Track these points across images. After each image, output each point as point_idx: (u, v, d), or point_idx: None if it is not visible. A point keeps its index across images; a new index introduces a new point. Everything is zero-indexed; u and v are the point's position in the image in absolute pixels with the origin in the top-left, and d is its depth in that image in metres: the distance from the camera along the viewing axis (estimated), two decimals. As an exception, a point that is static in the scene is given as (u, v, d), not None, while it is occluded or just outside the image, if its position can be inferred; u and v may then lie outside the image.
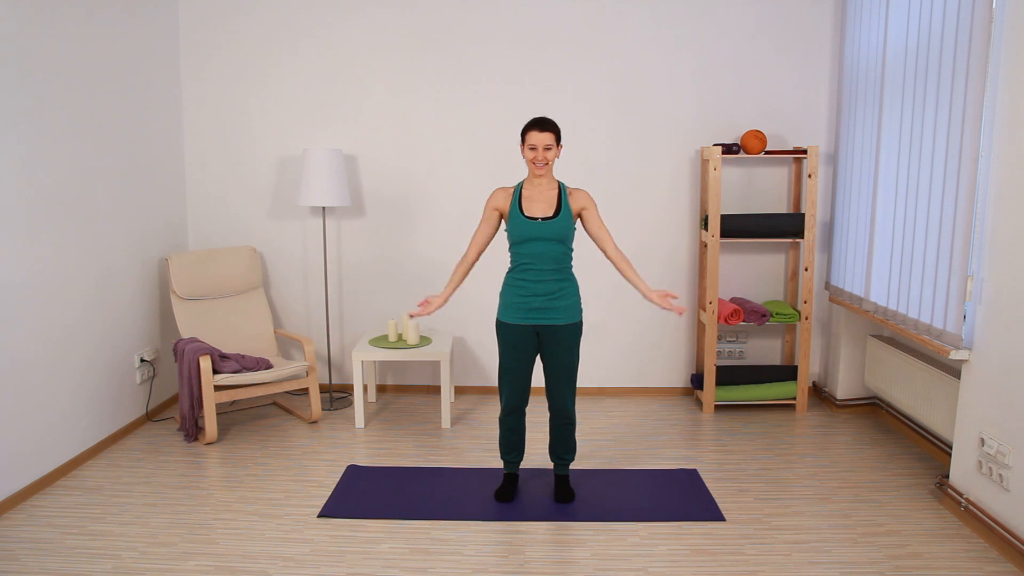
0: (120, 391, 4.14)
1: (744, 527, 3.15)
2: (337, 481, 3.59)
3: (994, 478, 2.99)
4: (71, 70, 3.70)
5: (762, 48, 4.61)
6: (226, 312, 4.55)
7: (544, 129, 3.10)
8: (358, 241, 4.85)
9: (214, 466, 3.77)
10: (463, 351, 4.93)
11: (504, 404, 3.32)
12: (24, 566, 2.84)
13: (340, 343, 4.95)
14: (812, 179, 4.40)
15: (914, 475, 3.65)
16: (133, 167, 4.25)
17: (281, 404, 4.71)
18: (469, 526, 3.16)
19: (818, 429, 4.28)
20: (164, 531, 3.11)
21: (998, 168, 2.97)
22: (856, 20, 4.24)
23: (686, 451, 3.97)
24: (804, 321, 4.52)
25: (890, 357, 4.09)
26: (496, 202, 3.26)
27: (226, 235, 4.88)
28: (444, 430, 4.28)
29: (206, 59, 4.73)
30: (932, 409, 3.67)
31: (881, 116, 3.88)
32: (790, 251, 4.76)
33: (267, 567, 2.84)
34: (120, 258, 4.13)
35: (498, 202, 3.25)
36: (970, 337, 3.17)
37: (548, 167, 3.16)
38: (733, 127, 4.68)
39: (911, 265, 3.57)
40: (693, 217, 4.78)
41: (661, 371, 4.92)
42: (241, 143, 4.80)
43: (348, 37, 4.68)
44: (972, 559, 2.89)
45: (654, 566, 2.85)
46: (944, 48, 3.29)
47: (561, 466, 3.43)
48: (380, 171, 4.79)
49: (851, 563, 2.86)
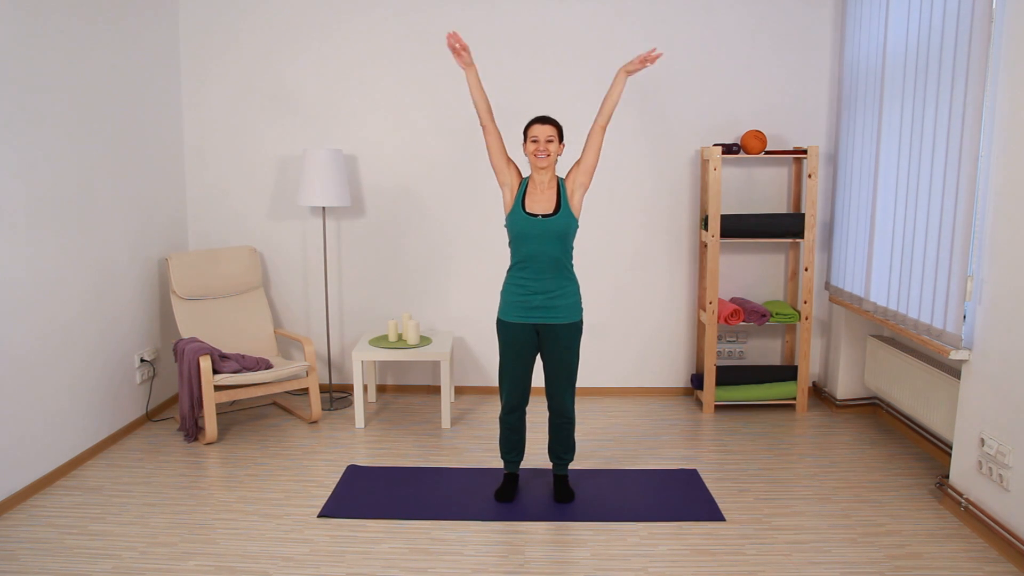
0: (120, 391, 4.14)
1: (744, 527, 3.15)
2: (337, 481, 3.59)
3: (994, 478, 2.99)
4: (72, 71, 3.70)
5: (762, 48, 4.61)
6: (226, 312, 4.55)
7: (546, 123, 3.12)
8: (358, 241, 4.85)
9: (214, 466, 3.77)
10: (463, 351, 4.93)
11: (504, 403, 3.32)
12: (24, 566, 2.84)
13: (340, 343, 4.95)
14: (812, 179, 4.40)
15: (914, 475, 3.65)
16: (133, 167, 4.25)
17: (281, 404, 4.71)
18: (469, 526, 3.16)
19: (818, 429, 4.28)
20: (164, 531, 3.11)
21: (998, 168, 2.97)
22: (856, 20, 4.24)
23: (686, 451, 3.97)
24: (804, 321, 4.52)
25: (890, 357, 4.09)
26: (513, 168, 3.24)
27: (226, 235, 4.88)
28: (444, 430, 4.28)
29: (206, 59, 4.73)
30: (932, 409, 3.67)
31: (881, 116, 3.88)
32: (790, 251, 4.76)
33: (267, 567, 2.84)
34: (120, 258, 4.13)
35: (513, 171, 3.24)
36: (970, 337, 3.17)
37: (550, 160, 3.16)
38: (733, 127, 4.68)
39: (911, 265, 3.57)
40: (693, 217, 4.78)
41: (661, 371, 4.92)
42: (241, 143, 4.80)
43: (348, 37, 4.68)
44: (972, 559, 2.89)
45: (654, 566, 2.85)
46: (944, 48, 3.29)
47: (560, 466, 3.43)
48: (380, 171, 4.79)
49: (851, 563, 2.86)
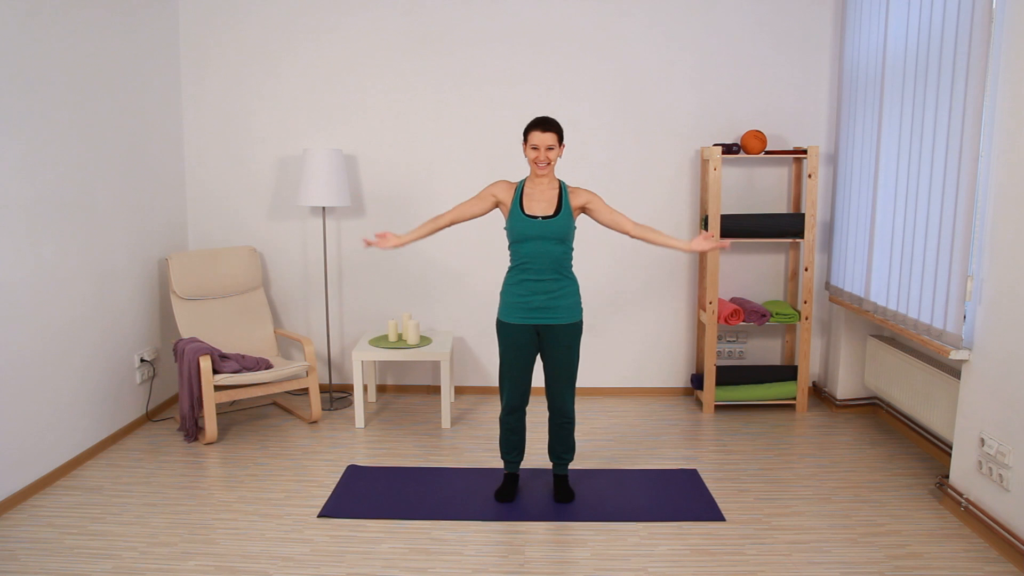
0: (120, 391, 4.14)
1: (744, 527, 3.15)
2: (337, 481, 3.59)
3: (994, 478, 2.99)
4: (71, 70, 3.70)
5: (762, 48, 4.61)
6: (226, 312, 4.55)
7: (547, 129, 3.10)
8: (358, 241, 4.85)
9: (214, 466, 3.77)
10: (463, 351, 4.93)
11: (504, 404, 3.32)
12: (24, 566, 2.84)
13: (340, 343, 4.95)
14: (812, 179, 4.40)
15: (914, 475, 3.65)
16: (133, 167, 4.25)
17: (281, 404, 4.71)
18: (469, 526, 3.16)
19: (818, 429, 4.28)
20: (164, 531, 3.11)
21: (998, 168, 2.97)
22: (856, 20, 4.24)
23: (686, 451, 3.97)
24: (804, 321, 4.52)
25: (890, 357, 4.09)
26: (497, 190, 3.24)
27: (226, 235, 4.88)
28: (444, 430, 4.28)
29: (206, 59, 4.73)
30: (932, 409, 3.67)
31: (881, 116, 3.88)
32: (790, 251, 4.76)
33: (267, 567, 2.84)
34: (120, 258, 4.13)
35: (498, 191, 3.23)
36: (970, 337, 3.16)
37: (550, 167, 3.16)
38: (733, 127, 4.68)
39: (911, 265, 3.57)
40: (693, 217, 4.78)
41: (661, 371, 4.92)
42: (241, 143, 4.80)
43: (348, 37, 4.68)
44: (972, 559, 2.89)
45: (654, 566, 2.85)
46: (944, 48, 3.29)
47: (560, 466, 3.43)
48: (380, 171, 4.79)
49: (851, 563, 2.86)
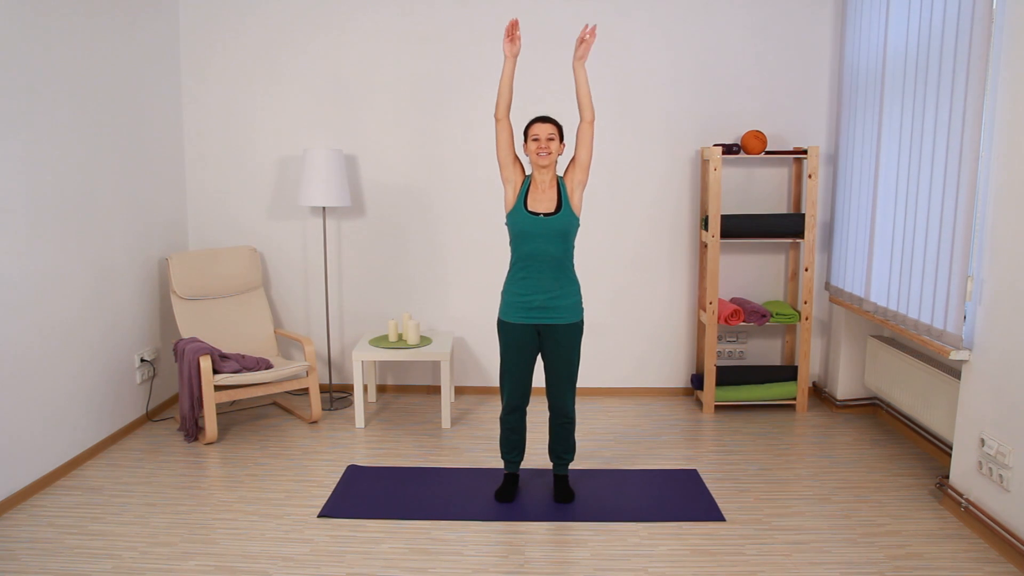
0: (120, 391, 4.14)
1: (744, 527, 3.15)
2: (337, 481, 3.59)
3: (994, 478, 2.99)
4: (72, 70, 3.70)
5: (762, 48, 4.61)
6: (226, 312, 4.55)
7: (546, 121, 3.13)
8: (358, 241, 4.85)
9: (214, 466, 3.77)
10: (463, 351, 4.93)
11: (505, 403, 3.32)
12: (24, 566, 2.84)
13: (340, 343, 4.95)
14: (812, 179, 4.40)
15: (914, 475, 3.65)
16: (134, 167, 4.25)
17: (281, 404, 4.71)
18: (469, 526, 3.16)
19: (818, 429, 4.28)
20: (164, 531, 3.11)
21: (998, 168, 2.97)
22: (856, 20, 4.24)
23: (686, 451, 3.97)
24: (804, 321, 4.52)
25: (890, 357, 4.09)
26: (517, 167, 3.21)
27: (226, 235, 4.88)
28: (444, 430, 4.28)
29: (207, 59, 4.73)
30: (932, 409, 3.67)
31: (881, 116, 3.88)
32: (790, 251, 4.76)
33: (267, 567, 2.84)
34: (120, 258, 4.13)
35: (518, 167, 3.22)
36: (970, 337, 3.16)
37: (551, 159, 3.16)
38: (733, 127, 4.68)
39: (911, 265, 3.57)
40: (693, 217, 4.78)
41: (661, 371, 4.92)
42: (241, 143, 4.80)
43: (349, 37, 4.68)
44: (972, 559, 2.89)
45: (654, 566, 2.85)
46: (944, 48, 3.29)
47: (561, 466, 3.43)
48: (380, 171, 4.79)
49: (851, 563, 2.86)
